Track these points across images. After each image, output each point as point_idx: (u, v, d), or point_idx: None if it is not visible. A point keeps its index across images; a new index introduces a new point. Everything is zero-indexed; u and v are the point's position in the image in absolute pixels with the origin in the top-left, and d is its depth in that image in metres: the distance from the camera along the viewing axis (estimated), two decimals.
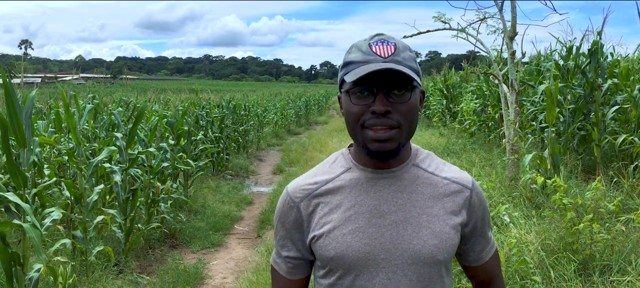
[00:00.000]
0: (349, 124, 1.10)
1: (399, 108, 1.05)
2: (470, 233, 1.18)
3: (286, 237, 1.19)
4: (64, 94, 4.38)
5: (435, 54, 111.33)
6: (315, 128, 20.47)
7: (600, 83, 6.20)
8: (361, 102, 1.06)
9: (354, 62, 1.08)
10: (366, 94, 1.06)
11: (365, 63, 1.05)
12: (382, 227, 1.10)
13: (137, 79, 74.39)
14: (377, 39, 1.09)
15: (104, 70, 52.94)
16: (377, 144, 1.06)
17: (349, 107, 1.08)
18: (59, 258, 3.80)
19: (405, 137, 1.08)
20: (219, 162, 9.44)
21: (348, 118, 1.09)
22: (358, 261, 1.10)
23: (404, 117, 1.06)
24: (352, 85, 1.06)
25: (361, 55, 1.07)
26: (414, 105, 1.08)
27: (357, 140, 1.10)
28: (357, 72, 1.04)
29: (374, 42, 1.08)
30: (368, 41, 1.09)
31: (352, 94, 1.07)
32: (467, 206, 1.16)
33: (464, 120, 10.95)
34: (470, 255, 1.22)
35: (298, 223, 1.16)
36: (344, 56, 1.13)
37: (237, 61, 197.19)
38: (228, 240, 5.75)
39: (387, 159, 1.11)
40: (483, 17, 6.63)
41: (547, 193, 4.67)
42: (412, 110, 1.07)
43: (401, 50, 1.08)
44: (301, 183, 1.18)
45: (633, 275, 3.24)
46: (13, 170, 2.93)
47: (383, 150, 1.06)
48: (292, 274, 1.21)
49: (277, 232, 1.21)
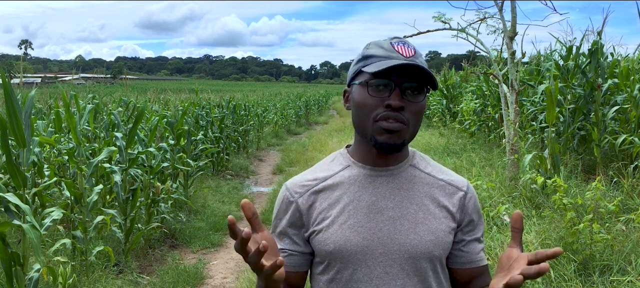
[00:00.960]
0: (359, 114, 1.12)
1: (411, 107, 1.09)
2: (462, 234, 1.19)
3: (284, 232, 1.20)
4: (64, 94, 4.38)
5: (435, 54, 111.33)
6: (315, 128, 20.47)
7: (600, 83, 6.20)
8: (377, 94, 1.09)
9: (375, 56, 1.11)
10: (382, 88, 1.09)
11: (387, 58, 1.09)
12: (380, 222, 1.13)
13: (137, 79, 74.48)
14: (397, 39, 1.14)
15: (104, 70, 52.95)
16: (386, 135, 1.08)
17: (365, 98, 1.11)
18: (59, 258, 3.80)
19: (410, 135, 1.12)
20: (219, 162, 9.44)
21: (360, 109, 1.12)
22: (356, 255, 1.12)
23: (414, 116, 1.10)
24: (371, 77, 1.10)
25: (383, 51, 1.11)
26: (423, 107, 1.12)
27: (365, 131, 1.12)
28: (381, 64, 1.07)
29: (396, 42, 1.13)
30: (388, 40, 1.14)
31: (369, 86, 1.10)
32: (461, 207, 1.18)
33: (464, 120, 10.95)
34: (461, 257, 1.20)
35: (297, 217, 1.18)
36: (362, 51, 1.16)
37: (237, 61, 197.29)
38: (228, 240, 5.74)
39: (391, 153, 1.13)
40: (483, 17, 6.63)
41: (547, 193, 4.67)
42: (421, 112, 1.12)
43: (419, 55, 1.13)
44: (300, 179, 1.21)
45: (633, 275, 3.24)
46: (13, 170, 2.93)
47: (390, 143, 1.09)
48: (288, 266, 1.20)
49: (275, 227, 1.22)
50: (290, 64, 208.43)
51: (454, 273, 1.23)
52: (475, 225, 1.21)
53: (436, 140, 10.82)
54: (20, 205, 2.67)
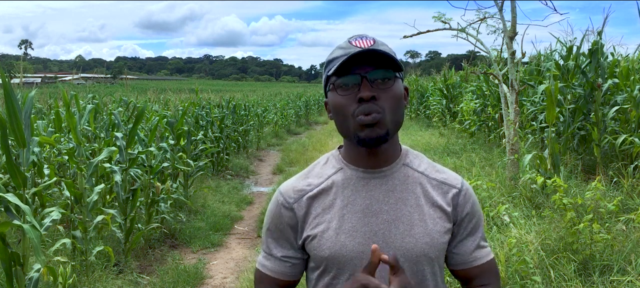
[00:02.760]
0: (338, 118, 1.12)
1: (383, 95, 1.08)
2: (456, 234, 1.18)
3: (281, 238, 1.19)
4: (64, 94, 4.38)
5: (435, 54, 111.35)
6: (315, 128, 20.47)
7: (601, 83, 6.19)
8: (347, 93, 1.09)
9: (335, 58, 1.12)
10: (351, 85, 1.09)
11: (346, 55, 1.09)
12: (375, 225, 1.12)
13: (137, 79, 74.38)
14: (355, 36, 1.14)
15: (104, 70, 52.95)
16: (367, 130, 1.08)
17: (337, 100, 1.11)
18: (59, 258, 3.80)
19: (392, 124, 1.10)
20: (219, 162, 9.44)
21: (337, 111, 1.12)
22: (352, 260, 1.11)
23: (389, 103, 1.09)
24: (336, 78, 1.10)
25: (342, 51, 1.12)
26: (398, 93, 1.11)
27: (348, 132, 1.12)
28: (339, 61, 1.08)
29: (354, 38, 1.14)
30: (347, 39, 1.14)
31: (337, 88, 1.11)
32: (454, 205, 1.17)
33: (464, 120, 10.95)
34: (453, 257, 1.19)
35: (292, 223, 1.17)
36: (327, 58, 1.17)
37: (237, 61, 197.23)
38: (228, 240, 5.75)
39: (377, 145, 1.11)
40: (483, 17, 6.63)
41: (547, 193, 4.67)
42: (397, 98, 1.11)
43: (380, 44, 1.12)
44: (294, 184, 1.20)
45: (633, 275, 3.23)
46: (13, 170, 2.93)
47: (372, 136, 1.08)
48: (284, 275, 1.20)
49: (269, 234, 1.21)
50: (290, 64, 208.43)
51: (454, 274, 1.22)
52: (470, 224, 1.18)
53: (436, 140, 10.82)
54: (20, 205, 2.67)
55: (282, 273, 1.20)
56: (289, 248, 1.19)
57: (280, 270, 1.20)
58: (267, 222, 1.21)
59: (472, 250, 1.19)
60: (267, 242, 1.22)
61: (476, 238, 1.19)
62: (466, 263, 1.19)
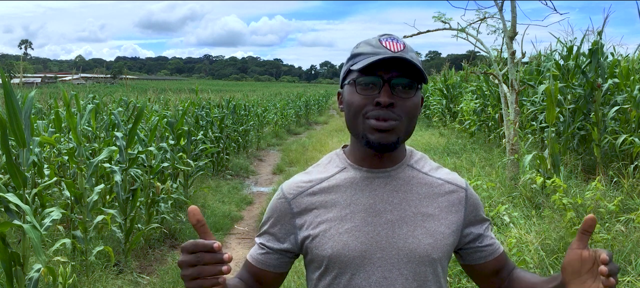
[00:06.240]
0: (350, 114, 1.10)
1: (402, 103, 1.06)
2: (476, 230, 1.19)
3: (279, 232, 1.18)
4: (64, 94, 4.38)
5: (435, 54, 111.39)
6: (315, 128, 20.46)
7: (601, 83, 6.20)
8: (366, 92, 1.07)
9: (363, 54, 1.09)
10: (371, 86, 1.07)
11: (374, 55, 1.07)
12: (378, 225, 1.11)
13: (137, 79, 74.32)
14: (386, 36, 1.11)
15: (104, 70, 52.86)
16: (378, 134, 1.06)
17: (353, 96, 1.09)
18: (59, 258, 3.80)
19: (404, 133, 1.09)
20: (219, 162, 9.45)
21: (350, 108, 1.10)
22: (354, 260, 1.10)
23: (406, 113, 1.07)
24: (359, 75, 1.08)
25: (371, 48, 1.08)
26: (416, 104, 1.09)
27: (357, 130, 1.10)
28: (367, 60, 1.05)
29: (384, 38, 1.10)
30: (377, 37, 1.11)
31: (358, 84, 1.08)
32: (463, 205, 1.17)
33: (464, 120, 10.96)
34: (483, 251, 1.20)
35: (291, 218, 1.16)
36: (352, 50, 1.14)
37: (237, 61, 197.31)
38: (228, 240, 5.75)
39: (385, 152, 1.10)
40: (483, 17, 6.64)
41: (547, 193, 4.67)
42: (414, 108, 1.09)
43: (409, 50, 1.10)
44: (296, 181, 1.19)
45: (633, 275, 3.24)
46: (13, 170, 2.93)
47: (383, 142, 1.06)
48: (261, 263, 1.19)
49: (267, 228, 1.20)
50: (290, 64, 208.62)
51: (479, 268, 1.21)
52: (484, 219, 1.21)
53: (436, 140, 10.82)
54: (20, 205, 2.67)
55: (256, 260, 1.19)
56: (274, 241, 1.18)
57: (257, 257, 1.19)
58: (267, 215, 1.21)
59: (494, 240, 1.22)
60: (263, 235, 1.21)
61: (490, 232, 1.22)
62: (495, 252, 1.20)
